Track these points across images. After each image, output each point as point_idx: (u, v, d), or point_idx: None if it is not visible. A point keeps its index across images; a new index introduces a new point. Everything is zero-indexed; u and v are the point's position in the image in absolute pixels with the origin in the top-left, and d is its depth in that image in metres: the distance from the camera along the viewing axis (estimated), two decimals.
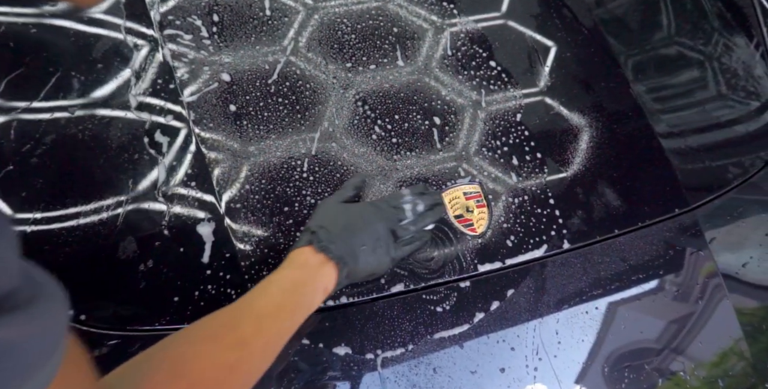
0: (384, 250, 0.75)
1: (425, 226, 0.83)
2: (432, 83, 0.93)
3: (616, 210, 0.92)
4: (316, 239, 0.70)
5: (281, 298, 0.65)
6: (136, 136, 0.82)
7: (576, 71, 1.00)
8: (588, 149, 0.95)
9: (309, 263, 0.69)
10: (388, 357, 0.80)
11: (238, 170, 0.83)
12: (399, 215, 0.79)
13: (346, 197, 0.80)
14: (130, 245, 0.77)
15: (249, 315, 0.62)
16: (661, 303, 0.91)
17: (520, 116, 0.94)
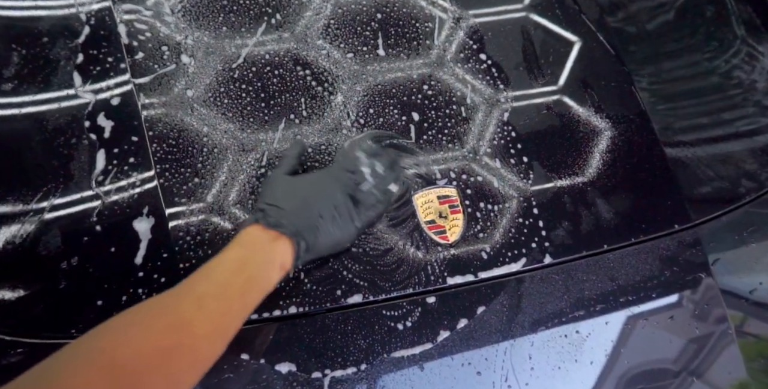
0: (346, 218, 0.69)
1: (387, 187, 0.75)
2: (414, 76, 0.85)
3: (608, 223, 0.83)
4: (265, 216, 0.64)
5: (227, 277, 0.58)
6: (76, 117, 0.75)
7: (575, 69, 0.91)
8: (581, 154, 0.86)
9: (259, 240, 0.63)
10: (337, 377, 0.72)
11: (187, 162, 0.75)
12: (356, 179, 0.72)
13: (290, 168, 0.73)
14: (54, 239, 0.70)
15: (188, 296, 0.55)
16: (652, 330, 0.82)
17: (507, 116, 0.85)
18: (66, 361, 0.45)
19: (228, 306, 0.57)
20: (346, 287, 0.74)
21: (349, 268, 0.75)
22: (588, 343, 0.79)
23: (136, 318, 0.52)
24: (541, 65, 0.88)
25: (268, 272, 0.62)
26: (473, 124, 0.84)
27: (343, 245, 0.72)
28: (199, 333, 0.52)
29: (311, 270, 0.74)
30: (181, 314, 0.53)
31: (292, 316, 0.73)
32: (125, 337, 0.49)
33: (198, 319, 0.53)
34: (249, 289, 0.59)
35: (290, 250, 0.64)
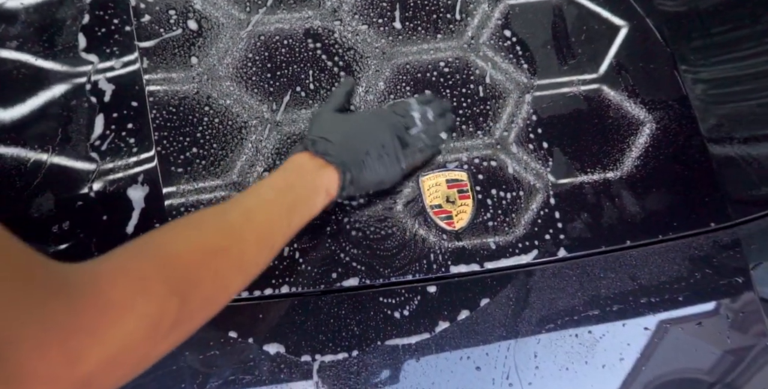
0: (392, 157, 0.68)
1: (437, 134, 0.74)
2: (431, 51, 0.80)
3: (632, 218, 0.77)
4: (314, 145, 0.64)
5: (273, 196, 0.59)
6: (78, 80, 0.73)
7: (609, 48, 0.83)
8: (608, 141, 0.79)
9: (305, 166, 0.63)
10: (327, 362, 0.69)
11: (186, 131, 0.73)
12: (406, 123, 0.72)
13: (338, 105, 0.72)
14: (48, 202, 0.68)
15: (237, 208, 0.56)
16: (675, 336, 0.75)
17: (529, 98, 0.79)
18: (121, 251, 0.44)
19: (274, 221, 0.57)
20: (342, 270, 0.71)
21: (347, 251, 0.71)
22: (601, 345, 0.73)
23: (189, 222, 0.53)
24: (571, 44, 0.81)
25: (313, 196, 0.62)
26: (491, 105, 0.78)
27: (386, 185, 0.70)
28: (247, 239, 0.53)
29: (306, 250, 0.71)
30: (231, 221, 0.53)
31: (284, 296, 0.70)
32: (179, 234, 0.50)
33: (246, 229, 0.54)
34: (294, 209, 0.59)
35: (336, 179, 0.63)
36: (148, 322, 0.40)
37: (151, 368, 0.67)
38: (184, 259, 0.47)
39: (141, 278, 0.42)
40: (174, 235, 0.50)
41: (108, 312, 0.38)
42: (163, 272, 0.44)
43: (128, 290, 0.40)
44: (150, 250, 0.46)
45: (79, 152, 0.71)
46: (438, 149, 0.75)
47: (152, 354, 0.43)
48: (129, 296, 0.40)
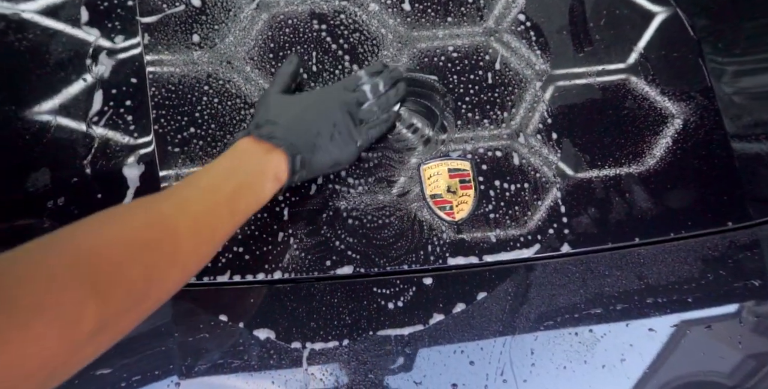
0: (345, 136, 0.66)
1: (390, 107, 0.71)
2: (439, 35, 0.77)
3: (643, 214, 0.73)
4: (258, 128, 0.61)
5: (213, 183, 0.55)
6: (78, 54, 0.72)
7: (628, 33, 0.79)
8: (622, 132, 0.75)
9: (249, 151, 0.59)
10: (317, 349, 0.68)
11: (184, 110, 0.71)
12: (358, 98, 0.68)
13: (284, 86, 0.68)
14: (44, 176, 0.68)
15: (170, 199, 0.52)
16: (681, 339, 0.72)
17: (540, 86, 0.75)
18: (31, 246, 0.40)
19: (213, 210, 0.53)
20: (337, 258, 0.69)
21: (342, 239, 0.70)
22: (602, 345, 0.71)
23: (113, 214, 0.48)
24: (588, 30, 0.77)
25: (260, 181, 0.58)
26: (499, 93, 0.74)
27: (342, 165, 0.68)
28: (180, 232, 0.49)
29: (301, 236, 0.69)
30: (162, 214, 0.49)
31: (276, 281, 0.69)
32: (101, 229, 0.45)
33: (180, 220, 0.49)
34: (238, 196, 0.56)
35: (284, 163, 0.60)
36: (60, 327, 0.37)
37: (139, 348, 0.68)
38: (104, 255, 0.42)
39: (50, 277, 0.38)
40: (93, 229, 0.45)
41: (12, 314, 0.34)
42: (77, 271, 0.40)
43: (36, 291, 0.36)
44: (64, 246, 0.42)
45: (77, 127, 0.70)
46: (393, 122, 0.73)
47: (73, 361, 0.40)
48: (36, 298, 0.36)
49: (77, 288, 0.39)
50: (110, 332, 0.43)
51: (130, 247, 0.45)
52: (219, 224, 0.54)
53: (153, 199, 0.51)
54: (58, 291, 0.37)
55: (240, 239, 0.69)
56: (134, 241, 0.45)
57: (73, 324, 0.37)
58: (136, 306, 0.45)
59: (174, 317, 0.68)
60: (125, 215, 0.49)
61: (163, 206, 0.50)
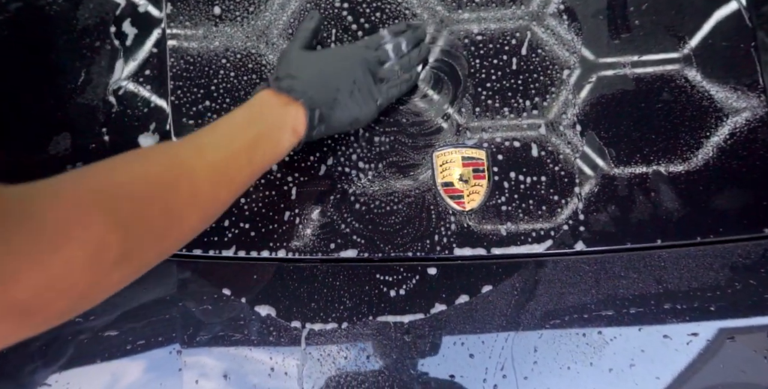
0: (365, 93, 0.65)
1: (412, 67, 0.70)
2: (465, 16, 0.73)
3: (668, 215, 0.69)
4: (277, 82, 0.61)
5: (232, 132, 0.56)
6: (104, 21, 0.72)
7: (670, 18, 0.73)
8: (654, 126, 0.70)
9: (269, 103, 0.60)
10: (315, 330, 0.68)
11: (201, 82, 0.71)
12: (380, 57, 0.68)
13: (305, 42, 0.67)
14: (65, 140, 0.70)
15: (189, 145, 0.53)
16: (700, 349, 0.68)
17: (567, 74, 0.71)
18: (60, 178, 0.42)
19: (231, 157, 0.54)
20: (341, 241, 0.68)
21: (348, 222, 0.69)
22: (610, 348, 0.68)
23: (135, 155, 0.50)
24: (628, 14, 0.72)
25: (277, 133, 0.59)
26: (523, 80, 0.71)
27: (361, 123, 0.67)
28: (198, 176, 0.51)
29: (307, 217, 0.69)
30: (180, 157, 0.51)
31: (280, 260, 0.69)
32: (124, 167, 0.48)
33: (197, 164, 0.51)
34: (256, 145, 0.56)
35: (303, 116, 0.60)
36: (86, 250, 0.39)
37: (145, 314, 0.70)
38: (127, 191, 0.45)
39: (77, 204, 0.40)
40: (117, 165, 0.47)
41: (41, 236, 0.37)
42: (103, 202, 0.42)
43: (63, 215, 0.39)
44: (90, 177, 0.44)
45: (98, 94, 0.71)
46: (414, 82, 0.71)
47: (100, 285, 0.42)
48: (63, 222, 0.38)
49: (102, 218, 0.41)
50: (134, 264, 0.45)
51: (151, 185, 0.46)
52: (236, 171, 0.55)
53: (172, 144, 0.54)
54: (85, 219, 0.39)
55: (247, 216, 0.69)
56: (154, 180, 0.47)
57: (98, 251, 0.40)
58: (157, 242, 0.47)
59: (179, 287, 0.69)
60: (146, 156, 0.51)
61: (182, 150, 0.52)
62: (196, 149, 0.52)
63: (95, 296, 0.43)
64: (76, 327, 0.70)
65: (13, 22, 0.73)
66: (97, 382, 0.70)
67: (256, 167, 0.57)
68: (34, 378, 0.70)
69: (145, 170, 0.47)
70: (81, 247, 0.39)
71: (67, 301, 0.40)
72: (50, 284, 0.37)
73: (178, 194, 0.48)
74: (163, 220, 0.47)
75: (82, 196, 0.41)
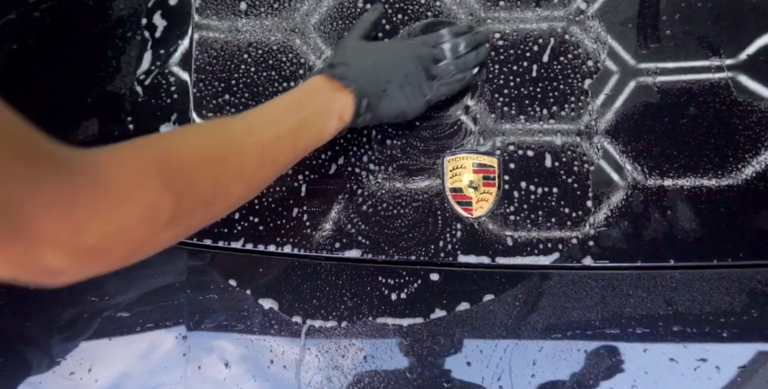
0: (415, 88, 0.66)
1: (468, 69, 0.69)
2: (485, 17, 0.71)
3: (685, 235, 0.66)
4: (331, 68, 0.63)
5: (281, 114, 0.59)
6: (137, 12, 0.75)
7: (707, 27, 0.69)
8: (676, 143, 0.67)
9: (320, 88, 0.62)
10: (315, 326, 0.69)
11: (222, 76, 0.72)
12: (435, 55, 0.68)
13: (364, 32, 0.69)
14: (93, 126, 0.73)
15: (241, 121, 0.57)
16: (710, 376, 0.66)
17: (589, 84, 0.68)
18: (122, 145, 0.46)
19: (277, 138, 0.57)
20: (346, 241, 0.69)
21: (354, 223, 0.69)
22: (612, 367, 0.66)
23: (191, 129, 0.56)
24: (659, 23, 0.69)
25: (324, 118, 0.61)
26: (542, 87, 0.69)
27: (407, 116, 0.68)
28: (246, 153, 0.54)
29: (315, 214, 0.70)
30: (232, 134, 0.54)
31: (286, 255, 0.70)
32: (179, 138, 0.52)
33: (247, 142, 0.54)
34: (302, 129, 0.59)
35: (351, 103, 0.62)
36: (143, 209, 0.43)
37: (155, 299, 0.73)
38: (182, 160, 0.48)
39: (138, 169, 0.44)
40: (174, 138, 0.52)
41: (106, 193, 0.41)
42: (160, 169, 0.46)
43: (125, 178, 0.43)
44: (150, 146, 0.48)
45: (126, 83, 0.74)
46: (466, 84, 0.70)
47: (152, 241, 0.47)
48: (125, 183, 0.43)
49: (158, 182, 0.45)
50: (183, 225, 0.49)
51: (202, 158, 0.50)
52: (281, 151, 0.58)
53: (226, 121, 0.57)
54: (143, 182, 0.44)
55: (257, 210, 0.70)
56: (206, 153, 0.51)
57: (153, 211, 0.44)
58: (204, 208, 0.51)
59: (188, 275, 0.71)
60: (203, 131, 0.55)
61: (234, 127, 0.55)
62: (247, 127, 0.55)
63: (150, 248, 0.48)
64: (97, 306, 0.73)
65: (55, 11, 0.76)
66: (107, 361, 0.73)
67: (300, 148, 0.60)
68: (53, 350, 0.74)
69: (200, 143, 0.51)
70: (138, 206, 0.43)
71: (127, 249, 0.45)
72: (112, 234, 0.41)
73: (226, 168, 0.52)
74: (212, 189, 0.51)
75: (142, 162, 0.45)
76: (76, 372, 0.73)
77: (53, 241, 0.38)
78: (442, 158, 0.69)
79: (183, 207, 0.47)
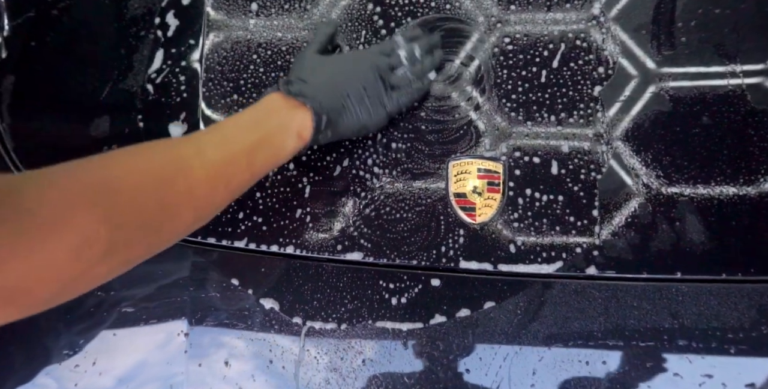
0: (374, 100, 0.64)
1: (424, 74, 0.68)
2: (494, 19, 0.70)
3: (693, 247, 0.64)
4: (287, 85, 0.61)
5: (234, 133, 0.56)
6: (150, 11, 0.75)
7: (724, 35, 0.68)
8: (688, 153, 0.65)
9: (276, 105, 0.60)
10: (315, 328, 0.69)
11: (231, 76, 0.73)
12: (392, 63, 0.66)
13: (320, 47, 0.67)
14: (104, 124, 0.74)
15: (191, 142, 0.54)
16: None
17: (599, 91, 0.67)
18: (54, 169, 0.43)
19: (231, 159, 0.54)
20: (348, 243, 0.69)
21: (357, 226, 0.69)
22: (614, 380, 0.65)
23: (134, 150, 0.51)
24: (674, 30, 0.67)
25: (282, 137, 0.59)
26: (551, 93, 0.68)
27: (369, 130, 0.67)
28: (196, 175, 0.51)
29: (318, 216, 0.70)
30: (180, 155, 0.51)
31: (288, 255, 0.70)
32: (121, 161, 0.49)
33: (196, 163, 0.51)
34: (258, 149, 0.56)
35: (310, 121, 0.60)
36: (72, 244, 0.40)
37: (160, 295, 0.73)
38: (122, 184, 0.45)
39: (67, 198, 0.41)
40: (113, 161, 0.48)
41: (29, 227, 0.37)
42: (95, 196, 0.42)
43: (52, 209, 0.39)
44: (85, 171, 0.45)
45: (137, 81, 0.75)
46: (426, 90, 0.69)
47: (84, 277, 0.43)
48: (51, 215, 0.39)
49: (90, 211, 0.41)
50: (121, 257, 0.46)
51: (146, 180, 0.47)
52: (235, 173, 0.55)
53: (174, 140, 0.55)
54: (72, 213, 0.40)
55: (261, 210, 0.71)
56: (150, 175, 0.48)
57: (84, 244, 0.40)
58: (148, 237, 0.48)
59: (191, 273, 0.72)
60: (146, 151, 0.51)
61: (183, 148, 0.52)
62: (197, 147, 0.52)
63: (80, 286, 0.44)
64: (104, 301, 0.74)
65: (72, 9, 0.77)
66: (111, 354, 0.74)
67: (256, 170, 0.57)
68: (58, 343, 0.75)
69: (143, 164, 0.48)
70: (66, 240, 0.39)
71: (51, 290, 0.41)
72: (33, 273, 0.38)
73: (173, 190, 0.49)
74: (157, 214, 0.47)
75: (72, 189, 0.42)
76: (81, 364, 0.74)
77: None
78: (447, 162, 0.68)
79: (121, 237, 0.44)
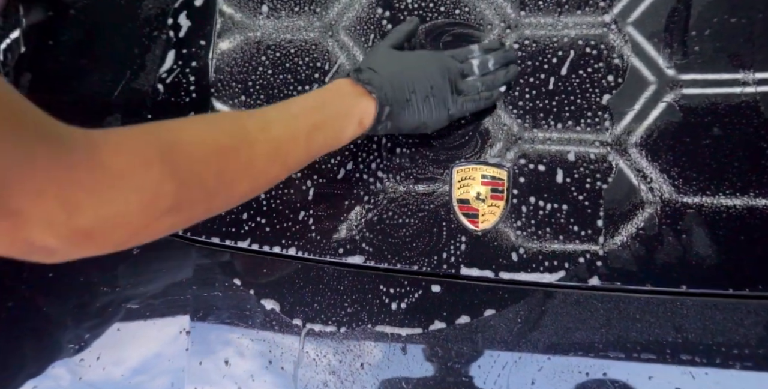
0: (439, 101, 0.65)
1: (495, 86, 0.68)
2: (503, 25, 0.70)
3: (700, 260, 0.63)
4: (358, 73, 0.62)
5: (299, 112, 0.58)
6: (164, 12, 0.77)
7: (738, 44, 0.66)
8: (696, 163, 0.64)
9: (344, 91, 0.61)
10: (315, 330, 0.69)
11: (240, 78, 0.73)
12: (463, 69, 0.67)
13: (396, 42, 0.68)
14: (116, 122, 0.75)
15: (257, 116, 0.56)
16: None
17: (608, 99, 0.66)
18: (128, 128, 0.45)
19: (292, 137, 0.56)
20: (350, 247, 0.69)
21: (359, 229, 0.69)
22: None
23: (204, 118, 0.55)
24: (687, 39, 0.66)
25: (343, 122, 0.60)
26: (558, 101, 0.67)
27: (428, 128, 0.67)
28: (257, 149, 0.53)
29: (321, 218, 0.70)
30: (245, 128, 0.53)
31: (290, 257, 0.71)
32: (189, 126, 0.51)
33: (259, 138, 0.53)
34: (318, 130, 0.58)
35: (372, 110, 0.61)
36: (142, 195, 0.43)
37: (161, 291, 0.74)
38: (188, 149, 0.47)
39: (141, 153, 0.43)
40: (183, 125, 0.51)
41: (104, 175, 0.40)
42: (164, 155, 0.45)
43: (126, 161, 0.42)
44: (156, 132, 0.47)
45: (149, 81, 0.76)
46: (493, 102, 0.69)
47: (150, 228, 0.46)
48: (126, 166, 0.42)
49: (161, 169, 0.44)
50: (183, 215, 0.48)
51: (210, 148, 0.49)
52: (294, 151, 0.56)
53: (242, 114, 0.56)
54: (145, 167, 0.43)
55: (265, 211, 0.71)
56: (215, 144, 0.50)
57: (152, 197, 0.44)
58: (206, 200, 0.50)
59: (194, 272, 0.72)
60: (213, 121, 0.54)
61: (249, 121, 0.54)
62: (263, 123, 0.54)
63: (146, 235, 0.47)
64: (109, 297, 0.76)
65: (89, 9, 0.79)
66: (114, 349, 0.75)
67: (313, 150, 0.59)
68: (65, 336, 0.76)
69: (210, 133, 0.50)
70: (139, 192, 0.42)
71: (122, 235, 0.44)
72: (108, 218, 0.41)
73: (234, 161, 0.51)
74: (215, 182, 0.50)
75: (146, 146, 0.44)
76: (85, 358, 0.75)
77: (44, 221, 0.37)
78: (451, 168, 0.68)
79: (184, 197, 0.46)
